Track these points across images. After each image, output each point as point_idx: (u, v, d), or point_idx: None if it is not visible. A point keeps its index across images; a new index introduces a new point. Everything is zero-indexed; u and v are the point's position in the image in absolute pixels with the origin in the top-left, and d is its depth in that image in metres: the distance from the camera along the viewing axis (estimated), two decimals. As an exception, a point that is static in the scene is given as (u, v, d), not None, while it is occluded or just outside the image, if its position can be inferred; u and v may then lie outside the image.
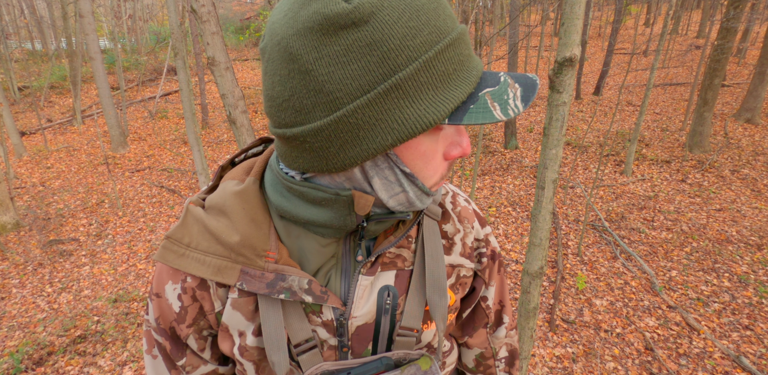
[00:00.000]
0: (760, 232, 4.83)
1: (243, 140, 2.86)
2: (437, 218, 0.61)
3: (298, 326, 0.53)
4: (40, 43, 19.88)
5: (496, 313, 0.71)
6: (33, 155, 8.94)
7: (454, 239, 0.62)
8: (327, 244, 0.54)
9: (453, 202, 0.65)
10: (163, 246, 0.53)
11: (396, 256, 0.57)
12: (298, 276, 0.51)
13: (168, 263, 0.52)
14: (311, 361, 0.54)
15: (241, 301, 0.53)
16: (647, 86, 5.91)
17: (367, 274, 0.54)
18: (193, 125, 6.21)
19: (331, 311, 0.54)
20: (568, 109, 2.17)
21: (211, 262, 0.51)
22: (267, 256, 0.51)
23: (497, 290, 0.70)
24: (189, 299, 0.55)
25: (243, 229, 0.51)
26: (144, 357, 0.62)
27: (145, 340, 0.60)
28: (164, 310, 0.56)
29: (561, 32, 2.17)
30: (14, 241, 5.47)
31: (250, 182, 0.54)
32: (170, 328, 0.57)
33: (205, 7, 2.61)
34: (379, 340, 0.56)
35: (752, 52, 13.80)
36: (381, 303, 0.55)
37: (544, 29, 15.66)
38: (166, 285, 0.55)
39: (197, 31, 9.73)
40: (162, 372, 0.59)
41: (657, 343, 3.30)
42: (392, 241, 0.55)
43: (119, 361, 3.41)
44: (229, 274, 0.51)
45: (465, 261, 0.63)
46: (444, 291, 0.57)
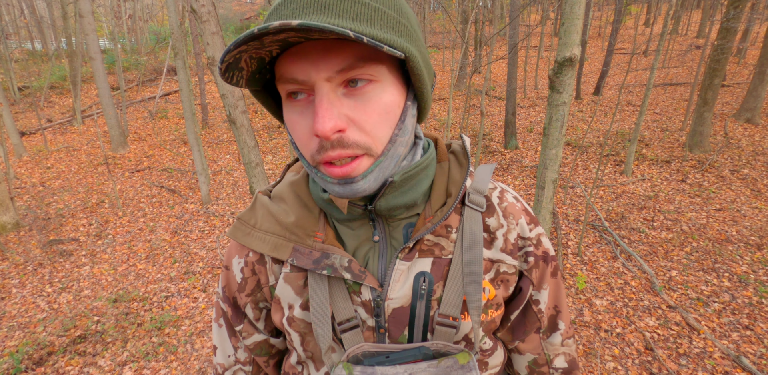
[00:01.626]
0: (760, 232, 4.83)
1: (243, 140, 2.86)
2: (481, 210, 0.60)
3: (342, 305, 0.57)
4: (40, 43, 19.87)
5: (551, 318, 0.69)
6: (33, 155, 8.94)
7: (496, 234, 0.61)
8: (357, 227, 0.59)
9: (500, 197, 0.64)
10: (234, 225, 0.61)
11: (434, 244, 0.58)
12: (339, 255, 0.56)
13: (236, 240, 0.60)
14: (353, 339, 0.57)
15: (292, 275, 0.59)
16: (647, 86, 5.91)
17: (405, 260, 0.56)
18: (193, 125, 6.21)
19: (369, 291, 0.57)
20: (568, 109, 2.17)
21: (270, 240, 0.58)
22: (315, 236, 0.58)
23: (551, 294, 0.67)
24: (249, 272, 0.63)
25: (297, 212, 0.59)
26: (212, 325, 0.72)
27: (214, 309, 0.70)
28: (230, 280, 0.65)
29: (561, 32, 2.17)
30: (14, 241, 5.47)
31: (303, 173, 0.63)
32: (233, 297, 0.66)
33: (205, 7, 2.61)
34: (415, 325, 0.57)
35: (752, 52, 13.80)
36: (416, 288, 0.56)
37: (544, 29, 15.66)
38: (233, 259, 0.65)
39: (197, 31, 9.71)
40: (224, 338, 0.69)
41: (657, 343, 3.30)
42: (429, 228, 0.56)
43: (119, 361, 3.41)
44: (283, 250, 0.57)
45: (506, 257, 0.61)
46: (479, 283, 0.57)
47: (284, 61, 0.46)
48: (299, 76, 0.45)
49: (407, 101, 0.51)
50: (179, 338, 3.67)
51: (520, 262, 0.63)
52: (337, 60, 0.44)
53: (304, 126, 0.48)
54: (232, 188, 7.17)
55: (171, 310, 4.10)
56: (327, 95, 0.45)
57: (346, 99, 0.46)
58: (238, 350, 0.69)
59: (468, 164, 0.61)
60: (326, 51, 0.44)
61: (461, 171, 0.61)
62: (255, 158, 2.93)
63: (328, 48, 0.44)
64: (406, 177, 0.53)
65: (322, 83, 0.45)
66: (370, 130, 0.47)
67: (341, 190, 0.49)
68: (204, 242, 5.42)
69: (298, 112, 0.48)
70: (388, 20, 0.45)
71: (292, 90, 0.47)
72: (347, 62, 0.44)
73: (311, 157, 0.49)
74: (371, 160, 0.49)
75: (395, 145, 0.50)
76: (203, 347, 3.54)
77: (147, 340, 3.65)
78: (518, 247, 0.62)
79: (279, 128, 10.56)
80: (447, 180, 0.60)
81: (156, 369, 3.33)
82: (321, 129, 0.43)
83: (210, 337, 3.66)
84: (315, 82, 0.45)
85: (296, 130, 0.49)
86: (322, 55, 0.44)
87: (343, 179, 0.48)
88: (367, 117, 0.46)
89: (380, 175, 0.50)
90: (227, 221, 5.95)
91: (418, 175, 0.56)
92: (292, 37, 0.41)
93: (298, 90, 0.47)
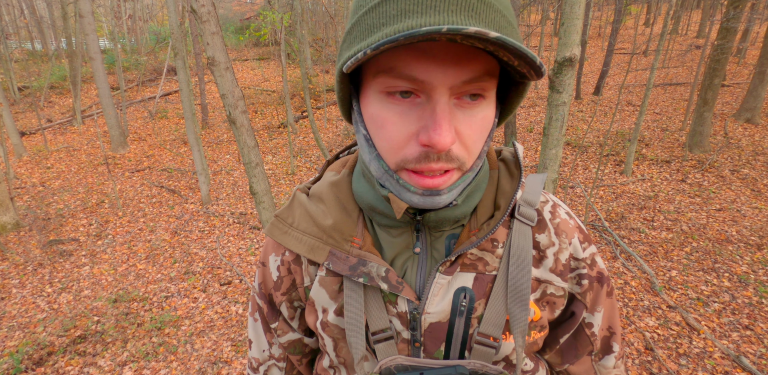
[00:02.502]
0: (760, 231, 4.83)
1: (243, 140, 2.87)
2: (531, 224, 0.57)
3: (377, 314, 0.55)
4: (40, 43, 19.88)
5: (604, 340, 0.65)
6: (33, 155, 8.94)
7: (546, 252, 0.57)
8: (398, 235, 0.56)
9: (552, 212, 0.60)
10: (272, 223, 0.60)
11: (478, 259, 0.55)
12: (377, 263, 0.54)
13: (274, 238, 0.59)
14: (386, 351, 0.55)
15: (328, 279, 0.58)
16: (647, 86, 5.91)
17: (445, 273, 0.54)
18: (193, 125, 6.21)
19: (405, 303, 0.55)
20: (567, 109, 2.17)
21: (307, 241, 0.57)
22: (353, 241, 0.56)
23: (606, 316, 0.63)
24: (285, 271, 0.62)
25: (335, 214, 0.57)
26: (247, 319, 0.72)
27: (250, 303, 0.70)
28: (266, 277, 0.65)
29: (561, 32, 2.17)
30: (14, 242, 5.47)
31: (344, 174, 0.61)
32: (269, 294, 0.65)
33: (205, 7, 2.61)
34: (453, 342, 0.55)
35: (752, 52, 13.80)
36: (456, 304, 0.54)
37: (544, 29, 15.66)
38: (270, 256, 0.64)
39: (197, 31, 9.72)
40: (260, 333, 0.69)
41: (657, 342, 3.30)
42: (474, 242, 0.53)
43: (119, 361, 3.41)
44: (320, 253, 0.56)
45: (555, 278, 0.57)
46: (525, 303, 0.53)
47: (402, 55, 0.41)
48: (420, 76, 0.41)
49: (495, 117, 0.49)
50: (179, 338, 3.67)
51: (571, 285, 0.59)
52: (468, 70, 0.41)
53: (402, 129, 0.44)
54: (232, 188, 7.18)
55: (171, 310, 4.10)
56: (447, 105, 0.42)
57: (458, 111, 0.43)
58: (273, 346, 0.68)
59: (520, 175, 0.57)
60: (459, 58, 0.40)
61: (512, 182, 0.57)
62: (255, 158, 2.93)
63: (461, 55, 0.40)
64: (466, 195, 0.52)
65: (444, 91, 0.41)
66: (469, 146, 0.45)
67: (420, 201, 0.47)
68: (204, 242, 5.42)
69: (397, 112, 0.44)
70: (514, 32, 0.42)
71: (407, 89, 0.42)
72: (475, 74, 0.41)
73: (399, 163, 0.45)
74: (460, 174, 0.47)
75: (480, 160, 0.49)
76: (203, 347, 3.54)
77: (147, 340, 3.65)
78: (570, 268, 0.59)
79: (279, 128, 10.56)
80: (496, 190, 0.57)
81: (156, 369, 3.33)
82: (441, 142, 0.41)
83: (210, 338, 3.66)
84: (436, 88, 0.41)
85: (389, 130, 0.44)
86: (455, 61, 0.40)
87: (429, 190, 0.46)
88: (471, 133, 0.45)
89: (461, 189, 0.49)
90: (227, 221, 5.95)
91: (477, 187, 0.54)
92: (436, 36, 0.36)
93: (409, 89, 0.42)
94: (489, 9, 0.39)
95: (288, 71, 14.62)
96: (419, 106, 0.43)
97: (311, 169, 7.88)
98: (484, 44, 0.37)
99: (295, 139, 9.67)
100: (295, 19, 8.23)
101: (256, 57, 18.06)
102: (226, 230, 5.70)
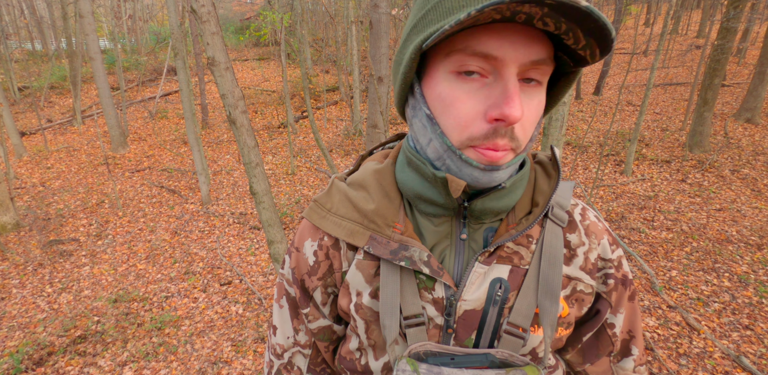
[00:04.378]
0: (760, 231, 4.83)
1: (243, 140, 2.87)
2: (563, 224, 0.59)
3: (410, 300, 0.56)
4: (40, 43, 19.88)
5: (623, 342, 0.67)
6: (33, 155, 8.94)
7: (576, 251, 0.60)
8: (440, 224, 0.58)
9: (582, 214, 0.63)
10: (310, 207, 0.62)
11: (514, 252, 0.57)
12: (419, 248, 0.55)
13: (312, 221, 0.61)
14: (417, 336, 0.56)
15: (365, 263, 0.59)
16: (647, 86, 5.91)
17: (484, 263, 0.56)
18: (193, 125, 6.21)
19: (443, 289, 0.56)
20: (567, 109, 2.17)
21: (347, 225, 0.58)
22: (395, 227, 0.57)
23: (627, 318, 0.65)
24: (323, 256, 0.62)
25: (378, 200, 0.58)
26: (272, 306, 0.72)
27: (276, 290, 0.70)
28: (300, 262, 0.64)
29: (561, 32, 2.17)
30: (14, 242, 5.47)
31: (389, 163, 0.62)
32: (301, 280, 0.65)
33: (205, 8, 2.61)
34: (484, 330, 0.56)
35: (752, 52, 13.80)
36: (492, 293, 0.56)
37: (544, 29, 15.67)
38: (306, 241, 0.64)
39: (197, 31, 9.72)
40: (285, 319, 0.69)
41: (657, 342, 3.30)
42: (513, 234, 0.55)
43: (119, 362, 3.41)
44: (360, 237, 0.57)
45: (584, 276, 0.60)
46: (556, 298, 0.56)
47: (477, 34, 0.44)
48: (494, 52, 0.43)
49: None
50: (179, 338, 3.67)
51: (598, 284, 0.62)
52: (536, 50, 0.44)
53: (471, 106, 0.46)
54: (232, 188, 7.18)
55: (171, 310, 4.10)
56: (516, 82, 0.45)
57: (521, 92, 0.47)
58: (299, 333, 0.68)
59: (558, 176, 0.59)
60: (529, 38, 0.43)
61: (549, 182, 0.60)
62: (255, 158, 2.93)
63: (532, 37, 0.43)
64: (512, 182, 0.54)
65: (514, 68, 0.44)
66: (527, 128, 0.48)
67: (481, 176, 0.49)
68: (204, 242, 5.43)
69: (466, 90, 0.46)
70: None
71: (471, 67, 0.45)
72: (542, 56, 0.44)
73: (464, 140, 0.48)
74: (513, 154, 0.49)
75: (530, 144, 0.51)
76: (203, 347, 3.54)
77: (147, 340, 3.65)
78: (598, 267, 0.61)
79: (279, 128, 10.57)
80: (533, 189, 0.59)
81: (156, 369, 3.33)
82: (514, 114, 0.43)
83: (210, 338, 3.66)
84: (507, 65, 0.44)
85: (458, 108, 0.47)
86: (525, 41, 0.43)
87: (490, 165, 0.48)
88: (530, 114, 0.48)
89: (512, 170, 0.51)
90: (227, 221, 5.95)
91: (520, 182, 0.56)
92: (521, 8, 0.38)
93: (478, 70, 0.45)
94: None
95: (288, 71, 14.62)
96: (487, 86, 0.46)
97: (311, 169, 7.88)
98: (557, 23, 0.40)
99: (295, 139, 9.67)
100: (295, 19, 8.23)
101: (256, 57, 18.06)
102: (226, 230, 5.70)
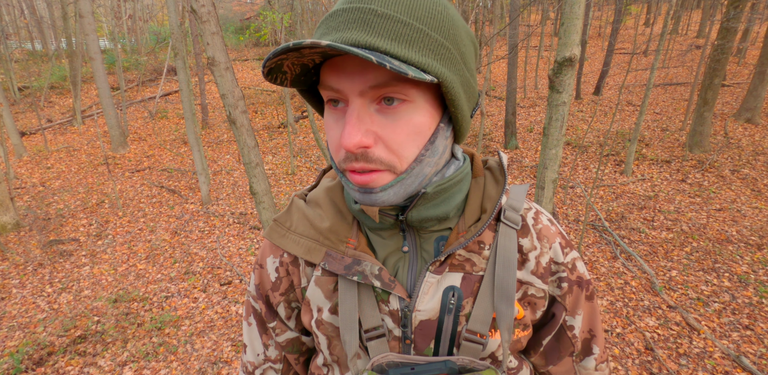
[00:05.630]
0: (760, 231, 4.83)
1: (243, 140, 2.87)
2: (516, 227, 0.60)
3: (370, 312, 0.57)
4: (40, 43, 19.88)
5: (584, 342, 0.68)
6: (33, 155, 8.94)
7: (528, 255, 0.60)
8: (389, 237, 0.59)
9: (535, 218, 0.64)
10: (271, 227, 0.63)
11: (465, 260, 0.58)
12: (371, 262, 0.57)
13: (272, 241, 0.62)
14: (379, 348, 0.57)
15: (323, 279, 0.60)
16: (647, 86, 5.92)
17: (435, 273, 0.56)
18: (193, 125, 6.21)
19: (397, 301, 0.57)
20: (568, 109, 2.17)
21: (304, 243, 0.60)
22: (348, 242, 0.59)
23: (586, 319, 0.66)
24: (284, 272, 0.65)
25: (332, 217, 0.60)
26: (242, 323, 0.74)
27: (244, 308, 0.71)
28: (264, 279, 0.67)
29: (561, 32, 2.17)
30: (14, 242, 5.47)
31: (338, 180, 0.64)
32: (266, 296, 0.67)
33: (205, 7, 2.61)
34: (442, 339, 0.57)
35: (752, 52, 13.80)
36: (445, 302, 0.56)
37: (544, 29, 15.66)
38: (268, 258, 0.66)
39: (197, 31, 9.72)
40: (255, 336, 0.70)
41: (657, 343, 3.30)
42: (462, 242, 0.56)
43: (119, 362, 3.41)
44: (316, 254, 0.59)
45: (536, 280, 0.61)
46: (511, 301, 0.56)
47: (326, 69, 0.47)
48: (336, 86, 0.46)
49: (441, 123, 0.51)
50: (179, 338, 3.67)
51: (552, 288, 0.62)
52: (372, 76, 0.45)
53: (337, 133, 0.49)
54: (232, 188, 7.17)
55: (171, 310, 4.10)
56: (357, 110, 0.46)
57: (378, 116, 0.47)
58: (269, 348, 0.70)
59: (504, 181, 0.60)
60: (363, 66, 0.45)
61: (497, 187, 0.60)
62: (255, 158, 2.93)
63: (366, 64, 0.45)
64: (439, 190, 0.54)
65: (355, 97, 0.46)
66: (396, 149, 0.48)
67: (361, 198, 0.51)
68: (204, 242, 5.42)
69: (334, 120, 0.50)
70: (429, 43, 0.45)
71: (332, 97, 0.49)
72: (382, 79, 0.45)
73: (339, 164, 0.51)
74: (393, 176, 0.50)
75: (421, 165, 0.50)
76: (203, 347, 3.55)
77: (147, 340, 3.65)
78: (550, 271, 0.62)
79: (279, 128, 10.57)
80: (482, 195, 0.60)
81: (156, 369, 3.33)
82: (345, 143, 0.45)
83: (210, 338, 3.66)
84: (348, 94, 0.46)
85: (330, 135, 0.51)
86: (360, 69, 0.45)
87: (362, 188, 0.50)
88: (395, 136, 0.47)
89: (401, 191, 0.51)
90: (227, 221, 5.95)
91: (452, 189, 0.56)
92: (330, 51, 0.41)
93: (337, 98, 0.48)
94: (386, 21, 0.43)
95: (288, 71, 14.57)
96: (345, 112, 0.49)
97: (311, 169, 7.88)
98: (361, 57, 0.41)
99: (295, 139, 9.67)
100: (295, 19, 8.24)
101: (256, 57, 18.07)
102: (227, 230, 5.71)
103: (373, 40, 0.43)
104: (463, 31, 0.50)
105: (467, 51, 0.51)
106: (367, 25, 0.43)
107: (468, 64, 0.51)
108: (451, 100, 0.48)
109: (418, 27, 0.44)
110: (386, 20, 0.43)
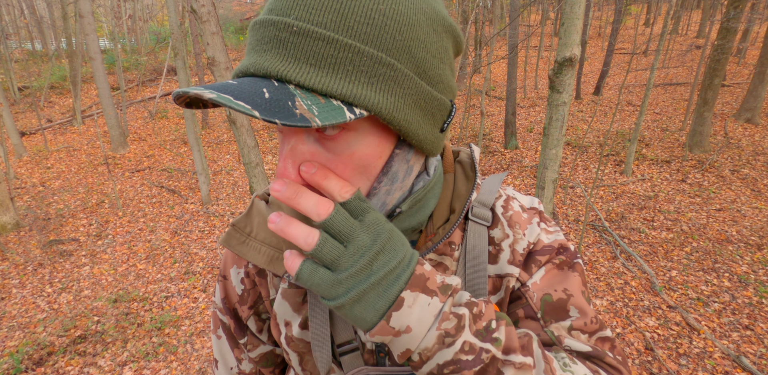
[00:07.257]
0: (760, 232, 4.83)
1: (243, 140, 2.87)
2: (486, 223, 0.56)
3: (342, 326, 0.54)
4: (40, 43, 19.88)
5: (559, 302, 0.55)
6: (33, 155, 8.94)
7: (501, 245, 0.56)
8: None
9: (504, 205, 0.58)
10: (228, 232, 0.56)
11: (437, 264, 0.54)
12: None
13: (230, 248, 0.55)
14: (353, 363, 0.54)
15: (290, 291, 0.55)
16: (647, 86, 5.92)
17: None
18: (193, 125, 6.21)
19: None
20: (568, 109, 2.17)
21: (266, 251, 0.54)
22: None
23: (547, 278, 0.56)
24: (250, 283, 0.59)
25: None
26: (211, 337, 0.69)
27: (212, 320, 0.66)
28: (229, 291, 0.61)
29: (561, 32, 2.17)
30: (14, 242, 5.47)
31: None
32: (233, 309, 0.61)
33: (205, 7, 2.61)
34: None
35: (752, 52, 13.80)
36: None
37: (544, 29, 15.66)
38: (231, 269, 0.61)
39: (197, 31, 9.72)
40: (226, 350, 0.65)
41: (657, 343, 3.30)
42: (429, 247, 0.53)
43: (119, 361, 3.41)
44: (279, 265, 0.53)
45: (514, 269, 0.55)
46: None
47: None
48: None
49: (396, 149, 0.45)
50: (179, 338, 3.67)
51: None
52: None
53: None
54: (232, 188, 7.18)
55: (171, 310, 4.10)
56: (289, 141, 0.41)
57: (317, 146, 0.41)
58: (242, 362, 0.65)
59: (475, 177, 0.56)
60: None
61: (467, 184, 0.56)
62: (255, 158, 2.93)
63: None
64: (414, 202, 0.50)
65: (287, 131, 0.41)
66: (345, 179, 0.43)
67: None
68: (204, 242, 5.43)
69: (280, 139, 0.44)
70: (360, 63, 0.37)
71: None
72: None
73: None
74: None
75: (378, 195, 0.45)
76: (203, 347, 3.54)
77: (147, 340, 3.65)
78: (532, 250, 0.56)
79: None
80: (452, 194, 0.56)
81: (156, 369, 3.33)
82: (278, 176, 0.41)
83: (210, 338, 3.66)
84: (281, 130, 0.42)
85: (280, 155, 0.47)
86: None
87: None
88: (340, 171, 0.42)
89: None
90: (227, 221, 5.95)
91: (425, 197, 0.52)
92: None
93: None
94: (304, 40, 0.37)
95: (288, 71, 14.57)
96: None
97: (311, 169, 7.88)
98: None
99: (295, 139, 9.67)
100: (295, 19, 8.22)
101: (256, 57, 18.04)
102: (219, 237, 5.71)
103: (285, 67, 0.36)
104: (428, 25, 0.41)
105: (430, 54, 0.42)
106: (282, 45, 0.37)
107: (429, 72, 0.42)
108: (398, 128, 0.41)
109: (347, 43, 0.37)
110: (304, 38, 0.36)
